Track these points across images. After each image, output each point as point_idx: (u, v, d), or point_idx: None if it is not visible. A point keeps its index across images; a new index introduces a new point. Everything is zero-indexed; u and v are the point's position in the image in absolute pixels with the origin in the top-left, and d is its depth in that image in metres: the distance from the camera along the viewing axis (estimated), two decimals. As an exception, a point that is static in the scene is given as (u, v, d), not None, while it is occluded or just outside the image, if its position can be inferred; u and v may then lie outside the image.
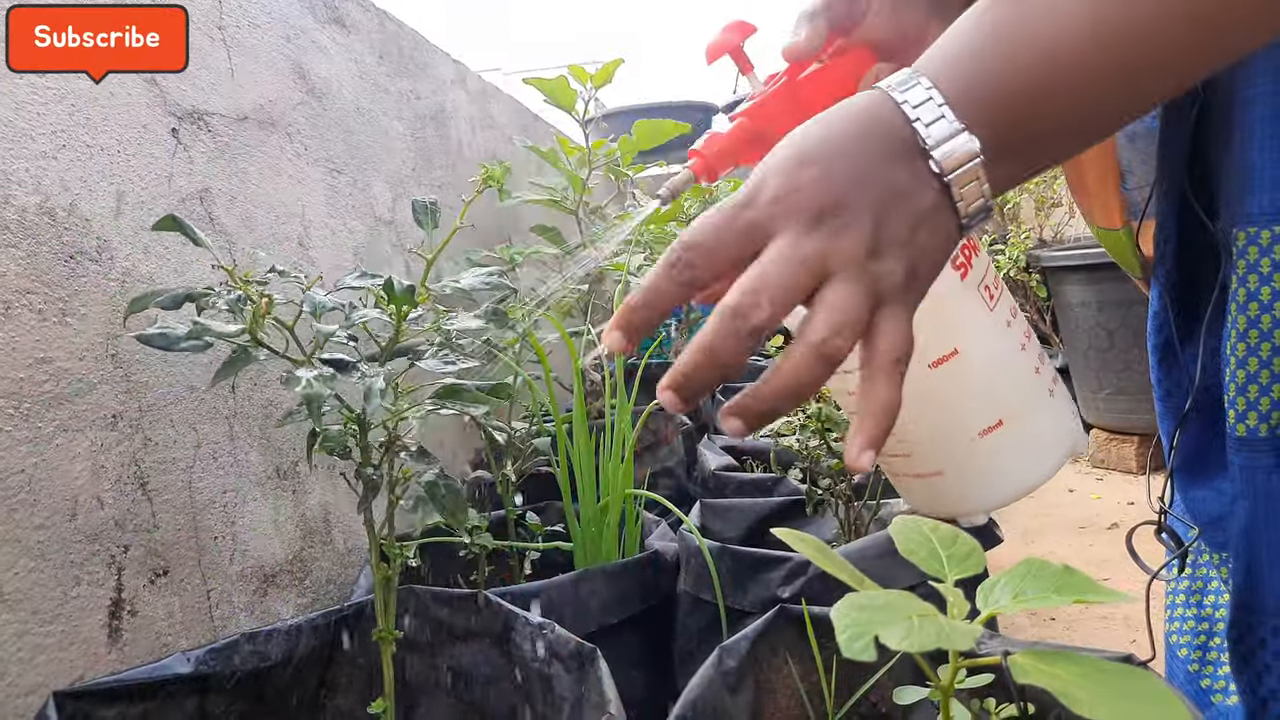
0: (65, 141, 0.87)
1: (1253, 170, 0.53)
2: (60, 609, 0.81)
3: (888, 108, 0.40)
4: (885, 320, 0.39)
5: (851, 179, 0.39)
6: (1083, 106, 0.40)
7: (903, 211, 0.39)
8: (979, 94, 0.40)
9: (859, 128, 0.40)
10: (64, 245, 0.86)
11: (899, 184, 0.39)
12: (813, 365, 0.38)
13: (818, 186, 0.39)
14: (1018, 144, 0.40)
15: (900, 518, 0.60)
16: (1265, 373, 0.54)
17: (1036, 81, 0.39)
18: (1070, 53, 0.39)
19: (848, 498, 1.24)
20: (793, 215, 0.39)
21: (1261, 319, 0.54)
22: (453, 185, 1.91)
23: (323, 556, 1.23)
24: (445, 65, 1.94)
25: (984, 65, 0.40)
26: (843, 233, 0.38)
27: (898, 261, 0.39)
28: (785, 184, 0.39)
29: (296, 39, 1.31)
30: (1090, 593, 0.49)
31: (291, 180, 1.26)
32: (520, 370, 1.18)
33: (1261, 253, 0.53)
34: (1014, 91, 0.39)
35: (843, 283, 0.38)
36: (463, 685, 0.95)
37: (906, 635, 0.44)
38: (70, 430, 0.85)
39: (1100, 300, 2.52)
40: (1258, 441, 0.55)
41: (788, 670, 0.92)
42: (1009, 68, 0.39)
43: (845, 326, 0.38)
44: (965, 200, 0.40)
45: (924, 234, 0.40)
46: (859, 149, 0.40)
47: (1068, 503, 2.40)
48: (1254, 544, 0.56)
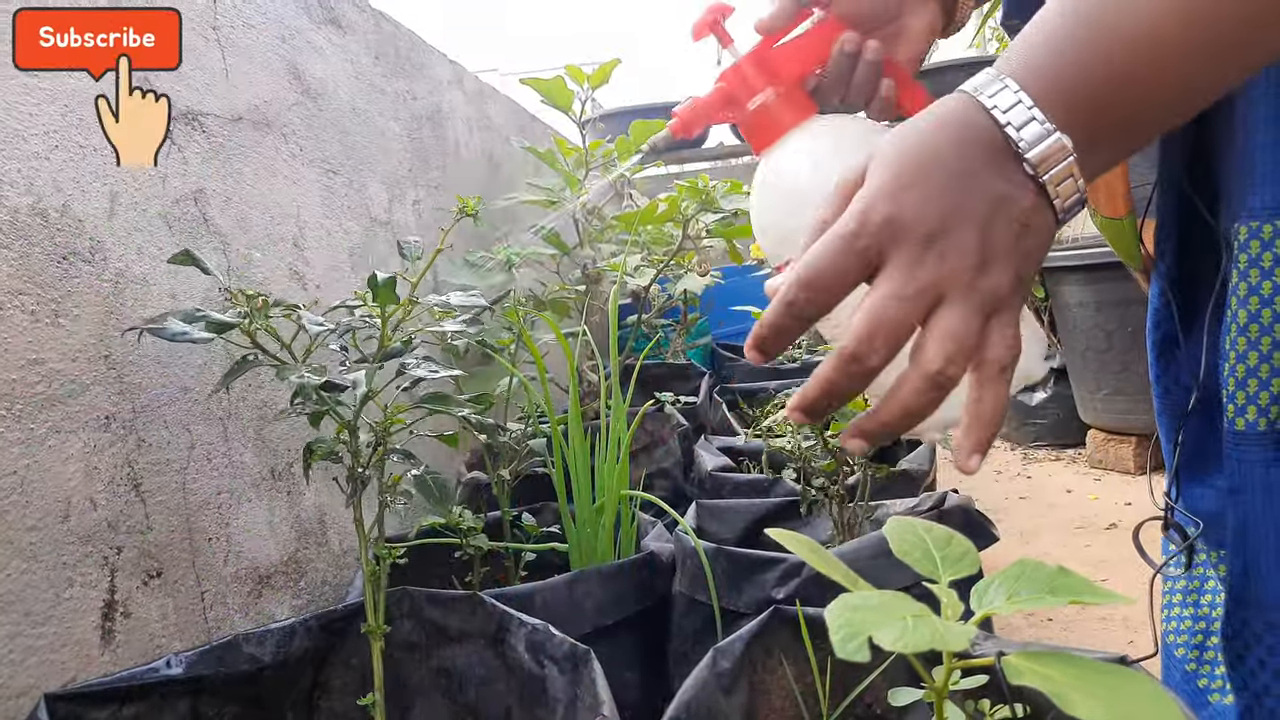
0: (58, 142, 0.87)
1: (1255, 166, 0.53)
2: (53, 611, 0.81)
3: (978, 113, 0.41)
4: (995, 330, 0.41)
5: (952, 195, 0.40)
6: (1170, 89, 0.41)
7: (1005, 219, 0.40)
8: (1066, 92, 0.40)
9: (952, 136, 0.41)
10: (56, 246, 0.86)
11: (999, 192, 0.40)
12: (927, 392, 0.41)
13: (922, 209, 0.40)
14: (1107, 133, 0.41)
15: (895, 518, 0.60)
16: (1265, 367, 0.54)
17: (1121, 69, 0.40)
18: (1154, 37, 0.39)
19: (842, 498, 1.24)
20: (901, 242, 0.40)
21: (1262, 313, 0.54)
22: (449, 186, 1.91)
23: (318, 558, 1.23)
24: (442, 66, 1.94)
25: (1067, 60, 0.41)
26: (950, 255, 0.40)
27: (1004, 272, 0.40)
28: (891, 209, 0.40)
29: (291, 39, 1.31)
30: (1085, 594, 0.49)
31: (287, 181, 1.26)
32: (515, 371, 1.17)
33: (1263, 247, 0.53)
34: (1099, 83, 0.40)
35: (954, 306, 0.40)
36: (457, 687, 0.95)
37: (900, 636, 0.44)
38: (63, 432, 0.84)
39: (1098, 301, 2.52)
40: (1256, 435, 0.55)
41: (782, 671, 0.92)
42: (1092, 60, 0.40)
43: (959, 354, 0.40)
44: (1061, 196, 0.41)
45: (1028, 237, 0.41)
46: (956, 160, 0.41)
47: (1065, 503, 2.40)
48: (1251, 539, 0.56)
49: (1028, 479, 2.66)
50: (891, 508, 1.30)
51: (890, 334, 0.40)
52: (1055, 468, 2.75)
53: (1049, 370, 0.75)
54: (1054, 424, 2.93)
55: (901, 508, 1.28)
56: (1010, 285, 0.41)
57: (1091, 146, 0.41)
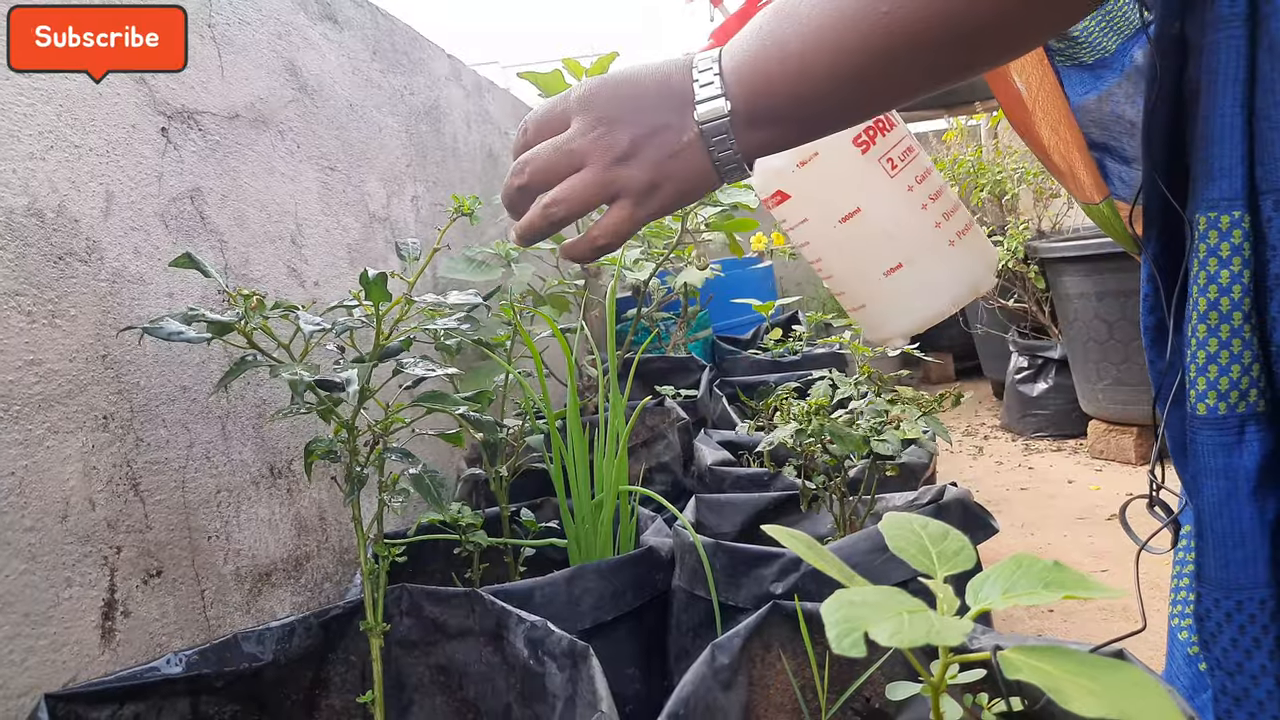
0: (53, 142, 0.87)
1: (1213, 157, 0.54)
2: (52, 611, 0.81)
3: (686, 71, 0.54)
4: (615, 209, 0.55)
5: (633, 106, 0.54)
6: (803, 102, 0.52)
7: (661, 139, 0.54)
8: (738, 73, 0.53)
9: (661, 76, 0.55)
10: (53, 246, 0.86)
11: (666, 120, 0.54)
12: (538, 219, 0.57)
13: (605, 103, 0.54)
14: (758, 117, 0.53)
15: (890, 514, 0.60)
16: (1224, 353, 0.56)
17: (775, 73, 0.52)
18: (802, 62, 0.51)
19: (842, 493, 1.24)
20: (581, 114, 0.55)
21: (1220, 301, 0.55)
22: (447, 182, 1.91)
23: (319, 554, 1.23)
24: (440, 60, 1.94)
25: (746, 55, 0.53)
26: (603, 140, 0.54)
27: (641, 170, 0.54)
28: (587, 93, 0.55)
29: (288, 36, 1.31)
30: (1079, 588, 0.49)
31: (284, 178, 1.26)
32: (509, 368, 1.17)
33: (1221, 236, 0.55)
34: (758, 78, 0.52)
35: (586, 171, 0.55)
36: (457, 683, 0.95)
37: (896, 631, 0.44)
38: (61, 432, 0.85)
39: (1099, 291, 2.52)
40: (1217, 420, 0.57)
41: (781, 666, 0.92)
42: (756, 61, 0.52)
43: (565, 202, 0.55)
44: (715, 149, 0.54)
45: (675, 163, 0.54)
46: (652, 90, 0.54)
47: (1067, 494, 2.40)
48: (1214, 522, 0.58)
49: (1029, 470, 2.66)
50: (891, 501, 1.30)
51: (538, 167, 0.56)
52: (1056, 458, 2.75)
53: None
54: (1055, 414, 2.93)
55: (901, 501, 1.28)
56: (642, 184, 0.54)
57: (748, 121, 0.53)
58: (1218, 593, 0.59)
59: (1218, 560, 0.58)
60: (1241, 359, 0.56)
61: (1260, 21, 0.52)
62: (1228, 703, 0.60)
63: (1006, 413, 3.13)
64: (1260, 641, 0.58)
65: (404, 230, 1.64)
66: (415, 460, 0.78)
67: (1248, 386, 0.56)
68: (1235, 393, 0.56)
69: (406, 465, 0.80)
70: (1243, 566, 0.57)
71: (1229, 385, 0.56)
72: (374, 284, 0.71)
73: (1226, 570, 0.58)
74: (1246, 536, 0.57)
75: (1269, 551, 0.57)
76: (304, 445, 0.82)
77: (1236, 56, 0.53)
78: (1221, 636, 0.59)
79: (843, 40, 0.49)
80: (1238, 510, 0.57)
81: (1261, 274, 0.55)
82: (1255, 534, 0.57)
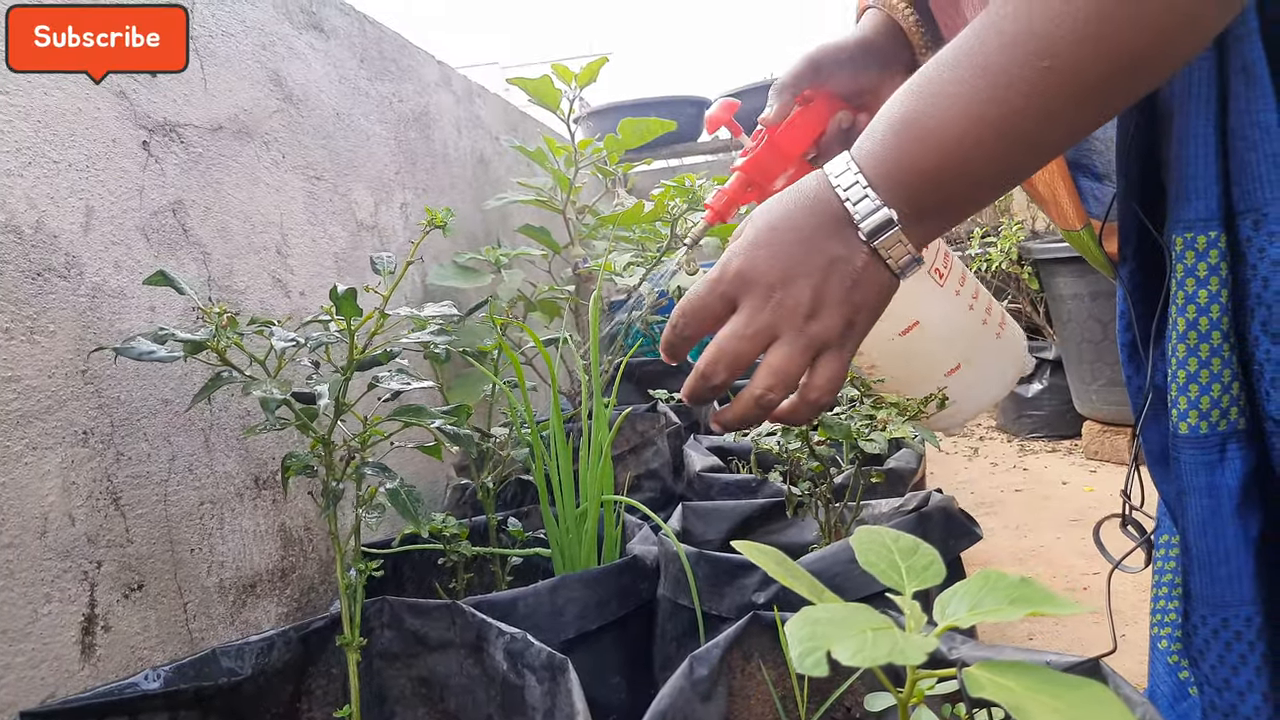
0: (31, 158, 0.87)
1: (1188, 178, 0.55)
2: (30, 627, 0.82)
3: (827, 190, 0.51)
4: (822, 364, 0.53)
5: (794, 255, 0.51)
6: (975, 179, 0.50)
7: (838, 276, 0.51)
8: (891, 176, 0.50)
9: (805, 206, 0.52)
10: (31, 263, 0.86)
11: (835, 254, 0.51)
12: (752, 410, 0.54)
13: (769, 265, 0.51)
14: (928, 210, 0.51)
15: (863, 528, 0.60)
16: (1205, 372, 0.56)
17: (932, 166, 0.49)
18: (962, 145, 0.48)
19: (828, 500, 1.24)
20: (749, 290, 0.52)
21: (1199, 321, 0.56)
22: (437, 188, 1.91)
23: (304, 565, 1.23)
24: (429, 67, 1.94)
25: (891, 153, 0.50)
26: (786, 304, 0.51)
27: (833, 319, 0.51)
28: (743, 264, 0.52)
29: (272, 46, 1.31)
30: (1046, 605, 0.49)
31: (269, 189, 1.26)
32: (495, 379, 1.18)
33: (1198, 257, 0.55)
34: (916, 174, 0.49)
35: (783, 345, 0.52)
36: (438, 696, 0.95)
37: (859, 650, 0.44)
38: (40, 448, 0.85)
39: (1092, 291, 2.52)
40: (1199, 439, 0.58)
41: (761, 677, 0.92)
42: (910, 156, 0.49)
43: (778, 384, 0.52)
44: (893, 258, 0.51)
45: (859, 291, 0.51)
46: (805, 225, 0.51)
47: (1061, 495, 2.40)
48: (1199, 539, 0.58)
49: (1024, 471, 2.66)
50: (877, 508, 1.30)
51: (730, 362, 0.53)
52: (1051, 459, 2.75)
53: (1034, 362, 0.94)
54: (1050, 415, 2.93)
55: (887, 508, 1.29)
56: (839, 329, 0.52)
57: (918, 218, 0.50)
58: (1204, 609, 0.59)
59: (1203, 578, 0.59)
60: (1221, 378, 0.56)
61: (1231, 44, 0.52)
62: (1216, 718, 0.61)
63: (1002, 414, 3.13)
64: (1246, 658, 0.58)
65: (392, 238, 1.64)
66: (392, 475, 0.78)
67: (1228, 405, 0.57)
68: (1216, 411, 0.57)
69: (384, 480, 0.80)
70: (1228, 583, 0.58)
71: (1210, 404, 0.57)
72: (344, 299, 0.71)
73: (1212, 587, 0.59)
74: (1231, 554, 0.58)
75: (1253, 568, 0.57)
76: (282, 469, 0.82)
77: (1208, 78, 0.54)
78: (1209, 653, 0.60)
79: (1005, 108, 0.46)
80: (1221, 528, 0.58)
81: (1241, 294, 0.55)
82: (1239, 551, 0.57)
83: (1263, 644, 0.58)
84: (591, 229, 2.07)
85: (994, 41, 0.47)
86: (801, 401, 0.54)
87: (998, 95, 0.46)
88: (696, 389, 0.55)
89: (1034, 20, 0.45)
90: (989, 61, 0.47)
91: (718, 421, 0.57)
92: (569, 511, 1.17)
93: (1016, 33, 0.46)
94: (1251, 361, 0.56)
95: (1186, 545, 0.60)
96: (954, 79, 0.48)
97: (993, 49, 0.47)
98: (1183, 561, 0.61)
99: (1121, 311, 0.70)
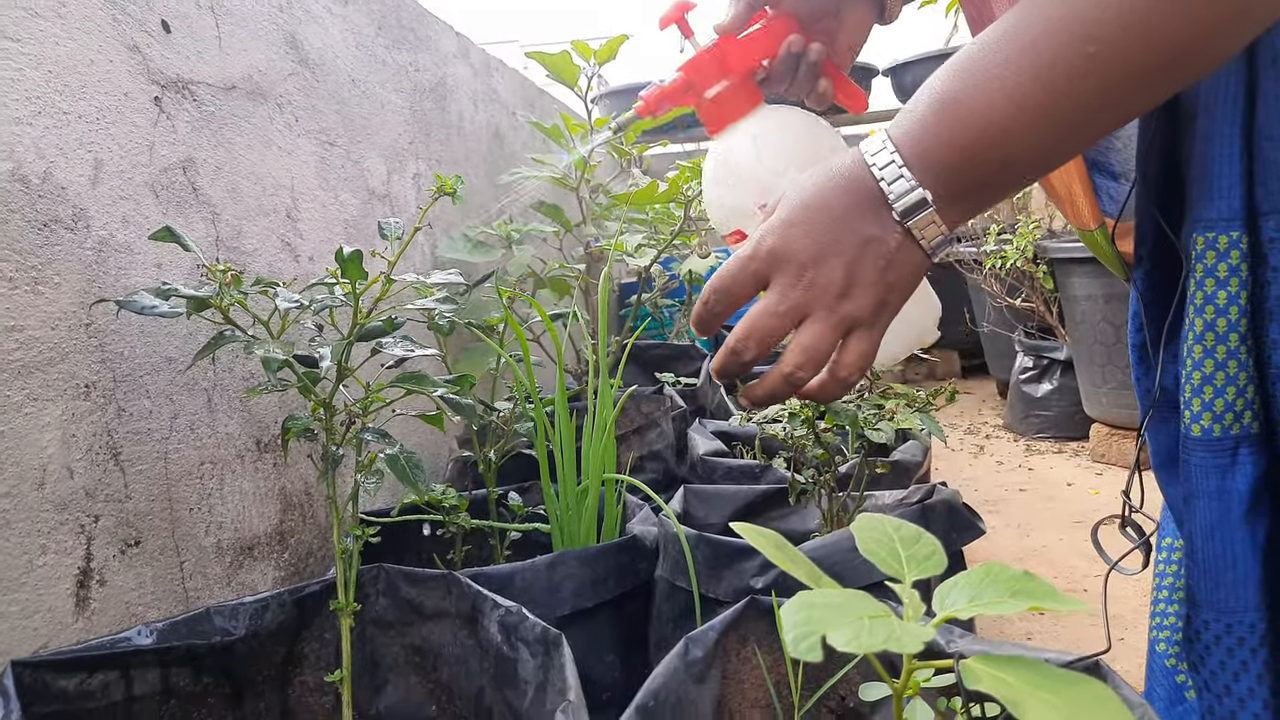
0: (41, 108, 0.87)
1: (1211, 178, 0.54)
2: (25, 577, 0.81)
3: (863, 169, 0.51)
4: (853, 342, 0.53)
5: (828, 234, 0.51)
6: (1013, 163, 0.49)
7: (872, 256, 0.51)
8: (928, 156, 0.49)
9: (840, 186, 0.51)
10: (37, 213, 0.85)
11: (868, 234, 0.50)
12: (781, 386, 0.54)
13: (802, 243, 0.51)
14: (963, 191, 0.50)
15: (865, 515, 0.59)
16: (1220, 375, 0.56)
17: (970, 146, 0.48)
18: (1003, 124, 0.47)
19: (832, 488, 1.23)
20: (782, 268, 0.52)
21: (1217, 323, 0.55)
22: (451, 160, 1.90)
23: (303, 529, 1.23)
24: (447, 38, 1.93)
25: (929, 131, 0.49)
26: (818, 283, 0.51)
27: (865, 298, 0.51)
28: (776, 242, 0.52)
29: (290, 8, 1.29)
30: (1046, 600, 0.48)
31: (281, 152, 1.25)
32: (502, 351, 1.17)
33: (1218, 257, 0.54)
34: (954, 151, 0.49)
35: (813, 323, 0.52)
36: (431, 665, 0.95)
37: (854, 637, 0.44)
38: (41, 399, 0.84)
39: (1106, 293, 2.49)
40: (1211, 442, 0.57)
41: (756, 661, 0.92)
42: (949, 134, 0.49)
43: (808, 362, 0.52)
44: (926, 238, 0.51)
45: (892, 271, 0.51)
46: (838, 203, 0.51)
47: (1065, 497, 2.38)
48: (1206, 544, 0.58)
49: (1029, 470, 2.64)
50: (881, 499, 1.29)
51: (760, 339, 0.53)
52: (1057, 460, 2.73)
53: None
54: (1058, 416, 2.91)
55: (890, 499, 1.28)
56: (871, 308, 0.52)
57: (952, 200, 0.50)
58: (1207, 614, 0.59)
59: (1208, 582, 0.58)
60: (1236, 380, 0.56)
61: (1261, 36, 0.51)
62: None
63: (1010, 412, 3.11)
64: (1248, 665, 0.58)
65: (404, 207, 1.63)
66: (393, 441, 0.78)
67: (1242, 408, 0.56)
68: (1230, 415, 0.56)
69: (384, 446, 0.79)
70: (1233, 589, 0.57)
71: (1224, 407, 0.56)
72: (349, 261, 0.70)
73: (1217, 592, 0.58)
74: (1238, 559, 0.57)
75: (1260, 574, 0.57)
76: (282, 431, 0.82)
77: (1236, 73, 0.53)
78: (1210, 658, 0.59)
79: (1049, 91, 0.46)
80: (1230, 533, 0.57)
81: (1260, 296, 0.55)
82: (1246, 557, 0.57)
83: (1265, 651, 0.58)
84: (605, 208, 2.06)
85: (1039, 25, 0.46)
86: (831, 379, 0.54)
87: (1041, 78, 0.46)
88: (726, 364, 0.55)
89: (1081, 4, 0.45)
90: (1034, 43, 0.46)
91: (747, 397, 0.57)
92: (570, 488, 1.16)
93: (1062, 17, 0.45)
94: (1268, 365, 0.55)
95: (1192, 549, 0.59)
96: (997, 60, 0.47)
97: (1038, 32, 0.46)
98: (1187, 566, 0.60)
99: (1134, 312, 0.69)
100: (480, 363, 1.42)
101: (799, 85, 0.73)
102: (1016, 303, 3.05)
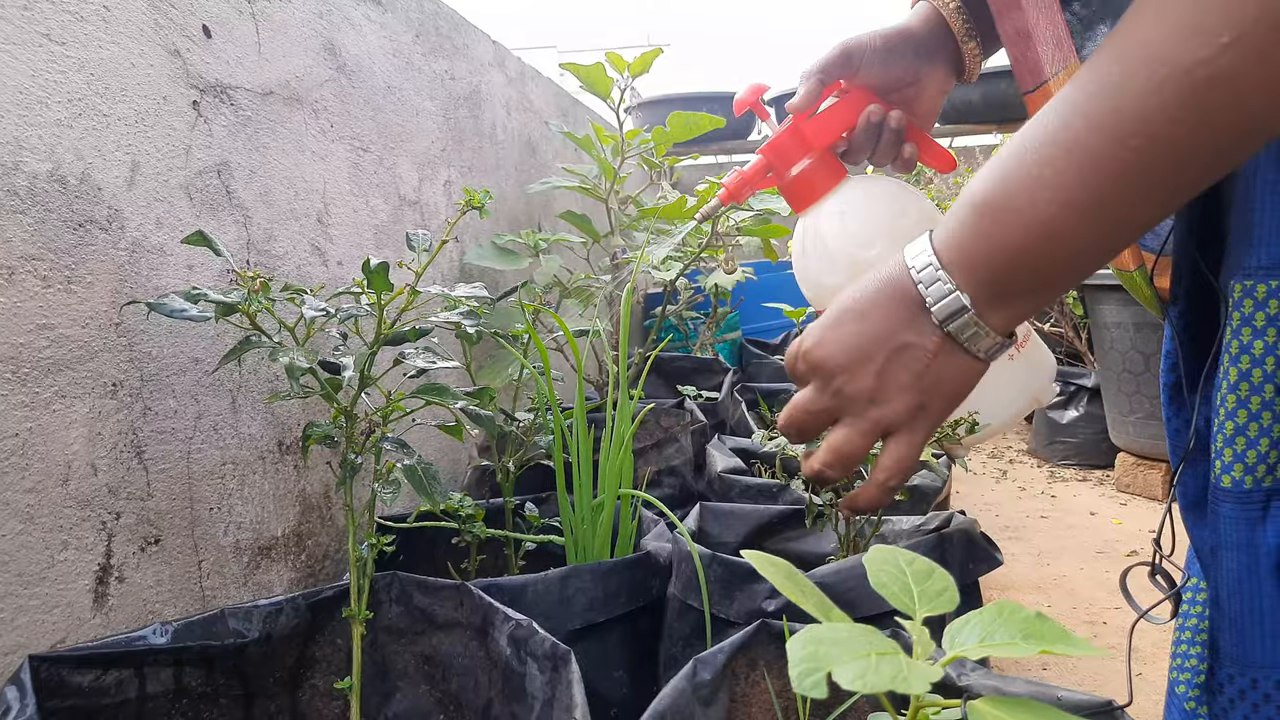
0: (81, 110, 0.88)
1: (1253, 225, 0.53)
2: (46, 572, 0.83)
3: (902, 271, 0.51)
4: (891, 446, 0.53)
5: (859, 342, 0.52)
6: (1060, 262, 0.47)
7: (905, 360, 0.51)
8: (972, 258, 0.49)
9: (878, 288, 0.52)
10: (74, 213, 0.87)
11: (903, 339, 0.51)
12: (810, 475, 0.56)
13: (833, 348, 0.53)
14: (1007, 294, 0.49)
15: (877, 547, 0.59)
16: (1254, 425, 0.54)
17: (1015, 248, 0.47)
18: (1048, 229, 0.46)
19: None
20: (817, 372, 0.54)
21: (1252, 373, 0.54)
22: (483, 168, 1.91)
23: (321, 532, 1.24)
24: (483, 46, 1.94)
25: (970, 236, 0.49)
26: (847, 389, 0.52)
27: (901, 402, 0.52)
28: (812, 346, 0.54)
29: (329, 15, 1.31)
30: (1059, 643, 0.48)
31: (314, 157, 1.26)
32: (525, 362, 1.17)
33: (1256, 306, 0.53)
34: (997, 256, 0.48)
35: (843, 427, 0.53)
36: (440, 675, 0.95)
37: (861, 675, 0.43)
38: (69, 397, 0.86)
39: (1136, 322, 2.46)
40: (1242, 494, 0.55)
41: (765, 686, 0.91)
42: (989, 238, 0.48)
43: (836, 463, 0.54)
44: (970, 343, 0.50)
45: (930, 376, 0.51)
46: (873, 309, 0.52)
47: (1088, 526, 2.35)
48: (1233, 597, 0.56)
49: (1052, 498, 2.61)
50: (898, 524, 1.28)
51: (798, 431, 0.56)
52: (1081, 488, 2.70)
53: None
54: (1083, 443, 2.88)
55: (908, 524, 1.27)
56: (905, 413, 0.52)
57: (996, 303, 0.49)
58: (1231, 668, 0.57)
59: (1233, 636, 0.57)
60: (1271, 432, 0.54)
61: None
62: None
63: (1035, 438, 3.08)
64: None
65: (434, 214, 1.64)
66: (410, 451, 0.78)
67: (1275, 460, 0.54)
68: (1262, 467, 0.54)
69: (402, 456, 0.80)
70: (1259, 643, 0.56)
71: (1256, 459, 0.54)
72: (376, 273, 0.71)
73: (1242, 647, 0.57)
74: (1266, 614, 0.55)
75: None
76: (302, 436, 0.83)
77: None
78: (1233, 713, 0.58)
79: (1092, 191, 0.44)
80: (1258, 587, 0.55)
81: None
82: (1274, 611, 0.55)
83: None
84: (633, 220, 2.07)
85: (1079, 122, 0.44)
86: (870, 483, 0.55)
87: (1085, 179, 0.44)
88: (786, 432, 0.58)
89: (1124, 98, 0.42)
90: (1076, 141, 0.44)
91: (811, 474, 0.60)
92: (586, 501, 1.17)
93: (1103, 113, 0.43)
94: None
95: (1218, 601, 0.58)
96: (1037, 160, 0.46)
97: (1079, 129, 0.44)
98: (1212, 617, 0.59)
99: (1168, 351, 0.67)
100: (502, 371, 1.43)
101: (882, 153, 0.73)
102: (1045, 327, 3.02)
